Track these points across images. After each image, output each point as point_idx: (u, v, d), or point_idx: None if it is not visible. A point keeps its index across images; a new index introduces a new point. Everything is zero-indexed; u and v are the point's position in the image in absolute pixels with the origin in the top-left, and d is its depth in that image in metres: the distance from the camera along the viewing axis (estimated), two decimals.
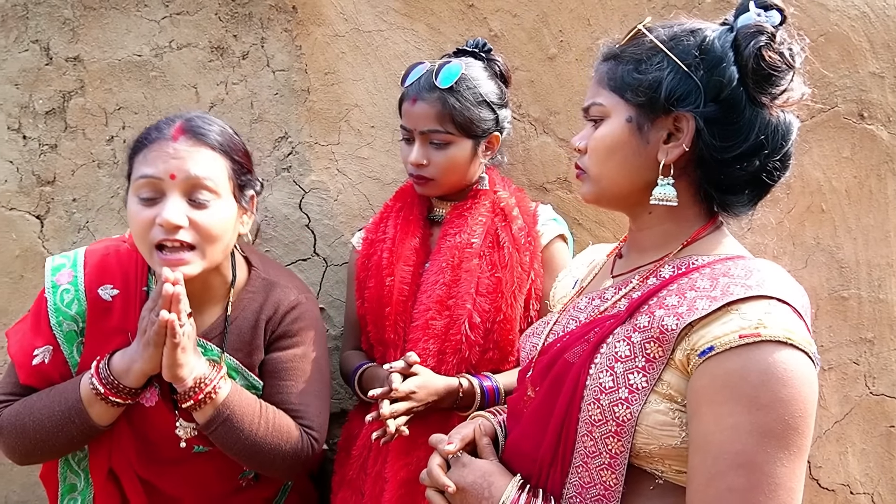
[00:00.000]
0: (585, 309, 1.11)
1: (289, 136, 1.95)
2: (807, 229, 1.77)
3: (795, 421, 0.84)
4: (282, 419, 1.42)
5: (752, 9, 0.97)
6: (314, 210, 1.96)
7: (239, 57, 1.94)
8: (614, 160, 1.03)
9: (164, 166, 1.28)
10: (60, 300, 1.41)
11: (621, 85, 1.02)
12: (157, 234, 1.27)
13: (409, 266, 1.60)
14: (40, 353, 1.39)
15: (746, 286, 0.91)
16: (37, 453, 1.38)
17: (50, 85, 1.99)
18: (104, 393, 1.31)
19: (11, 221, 2.03)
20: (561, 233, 1.64)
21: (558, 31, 1.80)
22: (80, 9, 1.94)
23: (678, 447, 0.92)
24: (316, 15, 1.88)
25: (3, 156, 2.02)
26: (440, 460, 1.14)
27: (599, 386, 0.95)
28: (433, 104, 1.51)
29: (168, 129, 1.32)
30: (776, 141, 0.97)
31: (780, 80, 0.95)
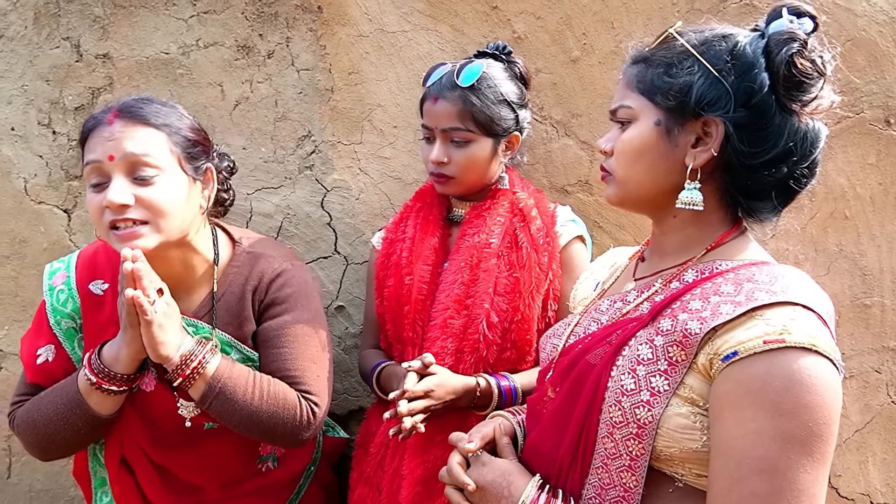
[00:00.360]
0: (607, 311, 1.11)
1: (312, 135, 1.97)
2: (830, 236, 1.76)
3: (819, 428, 0.84)
4: (277, 387, 1.42)
5: (784, 15, 0.97)
6: (336, 208, 1.98)
7: (264, 56, 1.96)
8: (641, 163, 1.03)
9: (101, 149, 1.30)
10: (56, 300, 1.47)
11: (651, 88, 1.02)
12: (108, 216, 1.29)
13: (429, 265, 1.61)
14: (43, 353, 1.45)
15: (771, 292, 0.91)
16: (52, 448, 1.43)
17: (80, 81, 2.02)
18: (97, 382, 1.33)
19: (40, 215, 2.07)
20: (579, 234, 1.64)
21: (581, 34, 1.80)
22: (111, 7, 1.98)
23: (699, 451, 0.92)
24: (341, 15, 1.90)
25: (33, 150, 2.06)
26: (460, 458, 1.15)
27: (621, 388, 0.96)
28: (454, 102, 1.54)
29: (105, 115, 1.35)
30: (805, 148, 0.97)
31: (810, 87, 0.95)
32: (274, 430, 1.41)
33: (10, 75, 2.04)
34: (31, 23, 2.01)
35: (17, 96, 2.05)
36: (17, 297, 2.10)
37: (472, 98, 1.53)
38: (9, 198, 2.08)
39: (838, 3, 1.67)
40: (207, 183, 1.46)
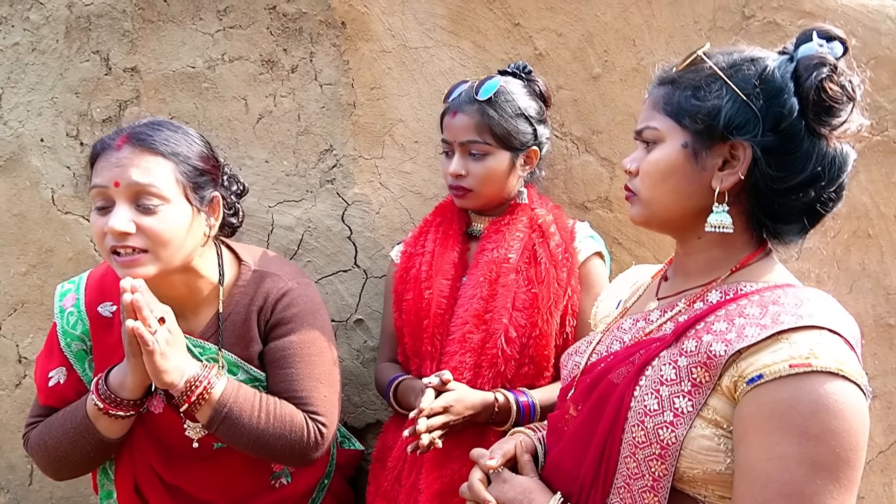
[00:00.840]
0: (630, 330, 1.11)
1: (334, 149, 1.99)
2: (853, 254, 1.75)
3: (846, 453, 0.84)
4: (283, 408, 1.42)
5: (814, 39, 0.97)
6: (356, 222, 1.99)
7: (288, 70, 1.99)
8: (667, 185, 1.04)
9: (108, 175, 1.31)
10: (66, 323, 1.48)
11: (678, 110, 1.02)
12: (110, 241, 1.30)
13: (448, 279, 1.62)
14: (55, 375, 1.47)
15: (797, 315, 0.91)
16: (63, 469, 1.45)
17: (108, 94, 2.06)
18: (104, 408, 1.35)
19: (66, 225, 2.11)
20: (598, 250, 1.64)
21: (603, 51, 1.81)
22: (140, 21, 2.02)
23: (722, 473, 0.92)
24: (364, 31, 1.92)
25: (61, 161, 2.10)
26: (481, 475, 1.15)
27: (644, 408, 0.96)
28: (472, 116, 1.56)
29: (114, 139, 1.35)
30: (833, 172, 0.97)
31: (840, 111, 0.95)
32: (282, 452, 1.42)
33: (41, 88, 2.09)
34: (62, 37, 2.06)
35: (47, 108, 2.09)
36: (42, 305, 2.14)
37: (489, 111, 1.55)
38: (36, 208, 2.12)
39: (863, 23, 1.66)
40: (213, 212, 1.45)
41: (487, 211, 1.68)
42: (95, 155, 1.36)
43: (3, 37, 2.10)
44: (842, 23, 1.66)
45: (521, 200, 1.66)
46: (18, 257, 2.14)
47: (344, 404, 1.98)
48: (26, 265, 2.14)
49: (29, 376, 2.16)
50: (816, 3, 1.67)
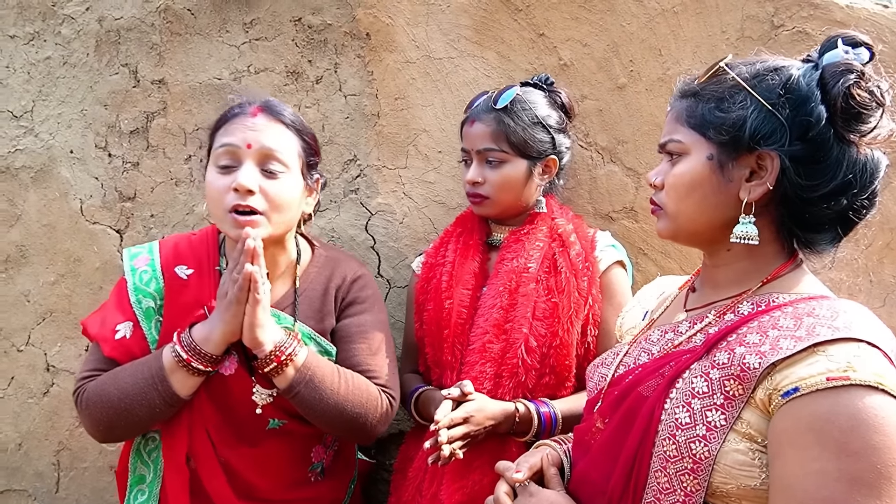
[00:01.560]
0: (658, 342, 1.09)
1: (357, 159, 2.00)
2: (886, 267, 1.71)
3: (888, 470, 0.81)
4: (359, 379, 1.48)
5: (840, 46, 0.95)
6: (380, 232, 2.00)
7: (313, 81, 2.00)
8: (694, 198, 1.02)
9: (242, 136, 1.40)
10: (140, 280, 1.50)
11: (702, 122, 1.01)
12: (232, 199, 1.37)
13: (468, 290, 1.62)
14: (122, 329, 1.46)
15: (833, 328, 0.89)
16: (119, 426, 1.41)
17: (136, 106, 2.10)
18: (186, 360, 1.36)
19: (94, 235, 2.14)
20: (619, 259, 1.63)
21: (628, 61, 1.80)
22: (167, 34, 2.05)
23: (757, 488, 0.89)
24: (388, 42, 1.93)
25: (89, 172, 2.13)
26: (507, 488, 1.14)
27: (675, 422, 0.94)
28: (489, 124, 1.58)
29: (248, 107, 1.45)
30: (864, 179, 0.95)
31: (869, 117, 0.94)
32: (356, 421, 1.45)
33: (71, 100, 2.13)
34: (92, 50, 2.10)
35: (77, 120, 2.13)
36: (70, 314, 2.17)
37: (506, 119, 1.57)
38: (65, 218, 2.15)
39: (894, 30, 1.63)
40: (313, 192, 1.55)
41: (506, 220, 1.68)
42: (225, 119, 1.45)
43: (36, 51, 2.14)
44: (872, 31, 1.63)
45: (539, 209, 1.65)
46: (47, 267, 2.18)
47: None
48: (55, 275, 2.17)
49: (57, 384, 2.19)
50: (847, 12, 1.64)
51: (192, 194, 2.09)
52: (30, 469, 2.23)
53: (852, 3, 1.64)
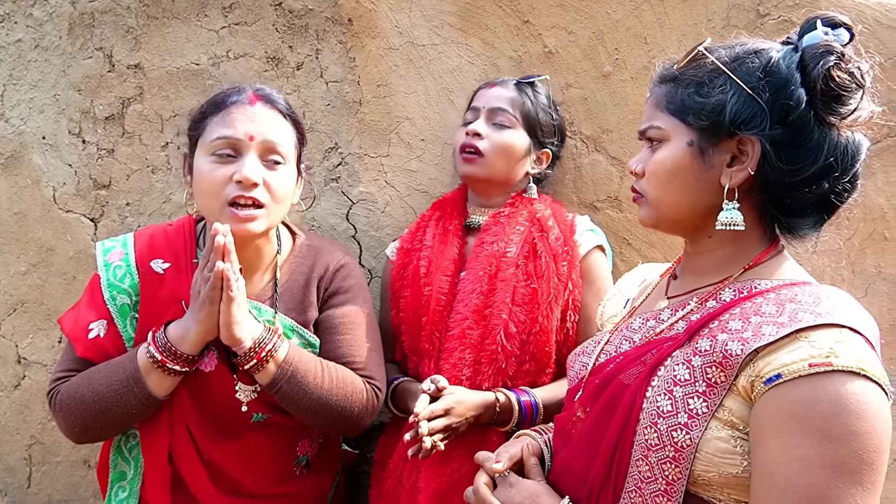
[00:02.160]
0: (640, 330, 1.08)
1: (339, 147, 1.96)
2: (868, 257, 1.71)
3: (870, 455, 0.81)
4: (343, 372, 1.45)
5: (819, 27, 0.94)
6: (361, 221, 1.97)
7: (293, 67, 1.97)
8: (675, 184, 1.01)
9: (243, 128, 1.36)
10: (113, 276, 1.44)
11: (681, 108, 1.00)
12: (232, 191, 1.34)
13: (447, 276, 1.60)
14: (95, 327, 1.41)
15: (816, 313, 0.88)
16: (95, 427, 1.38)
17: (111, 91, 2.04)
18: (161, 360, 1.32)
19: (67, 224, 2.09)
20: (599, 243, 1.62)
21: (614, 49, 1.78)
22: (144, 18, 2.00)
23: (739, 476, 0.89)
24: (371, 28, 1.90)
25: (63, 159, 2.08)
26: (487, 479, 1.12)
27: (657, 409, 0.93)
28: (510, 90, 1.64)
29: (244, 94, 1.41)
30: (846, 162, 0.94)
31: (849, 99, 0.93)
32: (341, 414, 1.42)
33: (43, 85, 2.07)
34: (65, 33, 2.04)
35: (50, 105, 2.07)
36: (42, 305, 2.11)
37: (526, 91, 1.64)
38: (37, 206, 2.10)
39: (880, 21, 1.63)
40: (299, 181, 1.53)
41: (489, 194, 1.67)
42: (218, 106, 1.39)
43: (6, 33, 2.08)
44: (859, 21, 1.63)
45: (529, 194, 1.65)
46: (18, 256, 2.12)
47: None
48: (26, 264, 2.12)
49: (29, 377, 2.13)
50: (832, 1, 1.64)
51: (168, 182, 2.04)
52: (0, 464, 2.18)
53: None
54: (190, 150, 1.43)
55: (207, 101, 1.43)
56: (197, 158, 1.39)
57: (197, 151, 1.40)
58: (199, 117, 1.42)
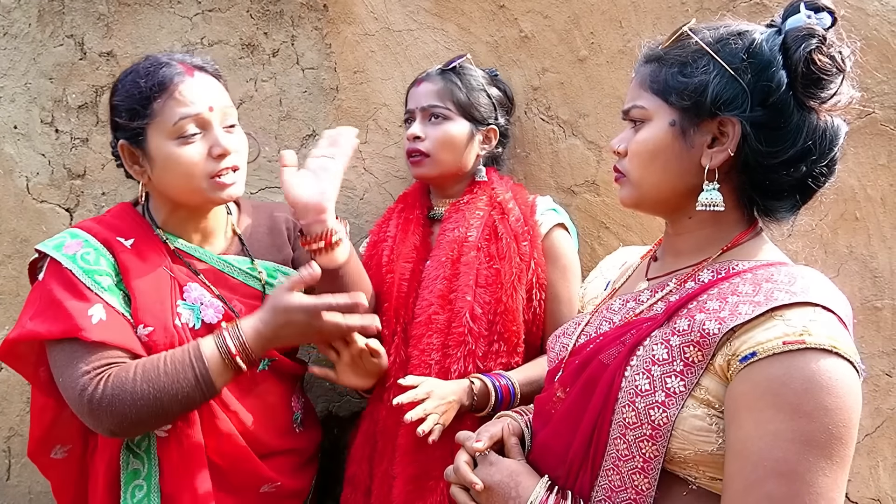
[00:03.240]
0: (619, 311, 1.09)
1: (317, 134, 1.95)
2: (840, 237, 1.74)
3: (839, 430, 0.83)
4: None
5: (802, 10, 0.95)
6: (340, 208, 1.95)
7: (269, 54, 1.95)
8: (656, 164, 1.02)
9: (200, 100, 1.35)
10: (85, 262, 1.36)
11: (665, 88, 1.01)
12: (212, 166, 1.35)
13: (409, 262, 1.62)
14: (95, 312, 1.31)
15: (791, 292, 0.89)
16: (150, 422, 1.32)
17: (83, 79, 2.01)
18: (234, 360, 1.32)
19: (42, 214, 2.06)
20: (560, 221, 1.63)
21: (589, 33, 1.78)
22: (115, 4, 1.97)
23: (714, 453, 0.90)
24: (346, 13, 1.89)
25: (36, 149, 2.05)
26: (467, 457, 1.13)
27: (635, 388, 0.94)
28: (436, 83, 1.63)
29: (177, 68, 1.36)
30: (824, 145, 0.95)
31: (829, 83, 0.94)
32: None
33: (13, 73, 2.03)
34: (35, 20, 2.00)
35: (21, 94, 2.04)
36: (18, 296, 2.09)
37: (453, 78, 1.62)
38: (11, 197, 2.07)
39: (850, 3, 1.65)
40: None
41: (446, 187, 1.68)
42: (161, 85, 1.33)
43: None
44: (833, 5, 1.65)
45: (479, 178, 1.66)
46: None
47: (329, 393, 1.96)
48: (1, 255, 2.09)
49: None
50: None
51: None
52: None
53: None
54: (133, 138, 1.37)
55: (135, 87, 1.35)
56: (158, 144, 1.34)
57: (152, 137, 1.35)
58: (140, 104, 1.34)
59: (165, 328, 1.35)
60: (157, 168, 1.37)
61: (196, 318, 1.41)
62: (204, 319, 1.42)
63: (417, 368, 1.50)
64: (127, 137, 1.37)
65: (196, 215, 1.47)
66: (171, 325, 1.36)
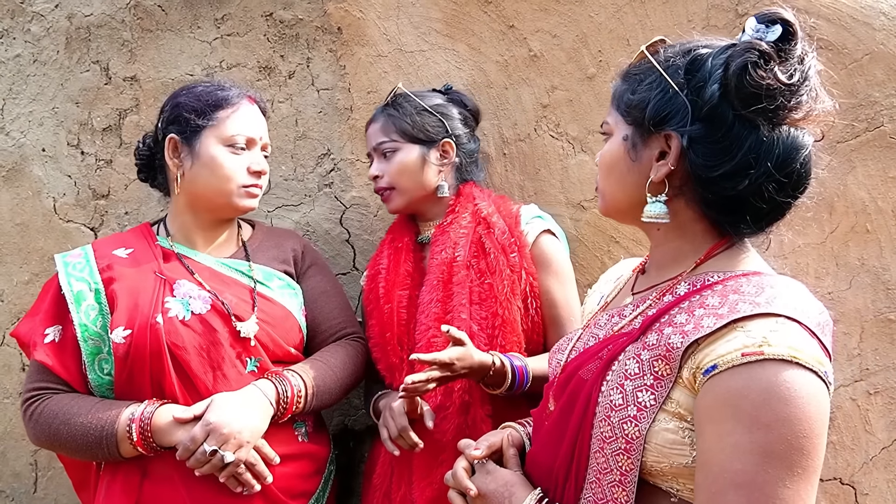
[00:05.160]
0: (605, 326, 1.11)
1: (331, 153, 2.00)
2: (851, 250, 1.74)
3: (800, 441, 0.82)
4: (340, 355, 1.65)
5: (749, 25, 0.94)
6: (354, 225, 2.00)
7: (285, 76, 2.01)
8: (613, 177, 1.06)
9: (255, 129, 1.60)
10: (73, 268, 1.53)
11: (620, 104, 1.05)
12: (247, 179, 1.57)
13: (405, 290, 1.64)
14: (51, 332, 1.49)
15: (755, 303, 0.89)
16: (61, 451, 1.52)
17: (108, 103, 2.09)
18: (136, 442, 1.40)
19: (68, 233, 2.13)
20: (546, 227, 1.64)
21: (597, 52, 1.81)
22: (139, 31, 2.04)
23: (689, 466, 0.91)
24: (360, 36, 1.94)
25: (62, 170, 2.12)
26: (466, 464, 1.16)
27: (610, 403, 0.95)
28: (379, 121, 1.69)
29: (242, 95, 1.61)
30: (770, 160, 0.93)
31: (768, 98, 0.90)
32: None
33: (42, 98, 2.12)
34: (63, 47, 2.09)
35: (49, 118, 2.12)
36: None
37: (393, 112, 1.67)
38: (39, 217, 2.14)
39: (856, 18, 1.66)
40: None
41: (424, 210, 1.71)
42: (227, 101, 1.57)
43: (6, 49, 2.13)
44: (835, 19, 1.66)
45: (440, 194, 1.67)
46: (21, 266, 2.16)
47: (344, 407, 1.99)
48: (29, 274, 2.16)
49: None
50: (808, 1, 1.67)
51: None
52: (7, 470, 2.22)
53: None
54: (187, 134, 1.55)
55: (207, 94, 1.57)
56: (209, 145, 1.54)
57: (206, 138, 1.55)
58: (207, 108, 1.55)
59: (142, 329, 1.44)
60: (199, 164, 1.55)
61: (186, 310, 1.50)
62: (193, 311, 1.51)
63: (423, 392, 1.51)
64: (179, 132, 1.56)
65: (209, 223, 1.62)
66: (149, 325, 1.45)
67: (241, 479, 1.41)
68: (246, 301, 1.56)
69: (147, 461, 1.45)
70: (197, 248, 1.62)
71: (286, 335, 1.60)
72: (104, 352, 1.46)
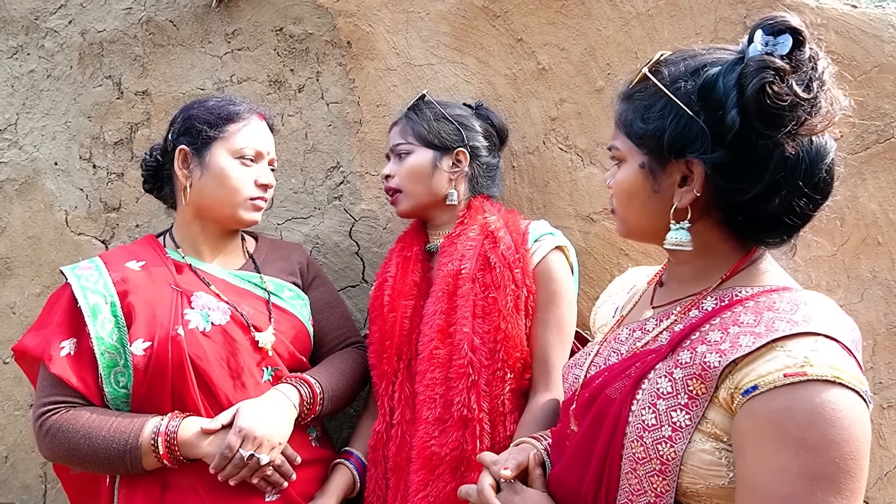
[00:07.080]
0: (626, 341, 1.09)
1: (341, 166, 2.01)
2: (862, 262, 1.73)
3: (847, 463, 0.81)
4: (349, 362, 1.71)
5: (757, 38, 0.90)
6: (363, 238, 2.01)
7: (295, 90, 2.02)
8: (634, 204, 1.04)
9: (264, 143, 1.64)
10: (86, 280, 1.51)
11: (630, 132, 1.02)
12: (254, 191, 1.60)
13: (410, 300, 1.64)
14: (67, 345, 1.45)
15: (792, 322, 0.88)
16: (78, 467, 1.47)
17: (119, 117, 2.11)
18: (162, 455, 1.40)
19: (79, 246, 2.15)
20: (558, 244, 1.63)
21: (606, 65, 1.82)
22: (150, 46, 2.06)
23: (726, 487, 0.89)
24: (369, 50, 1.95)
25: (74, 184, 2.14)
26: (492, 481, 1.15)
27: (642, 423, 0.94)
28: (400, 124, 1.72)
29: (252, 111, 1.65)
30: (798, 175, 0.92)
31: (789, 115, 0.88)
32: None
33: (55, 112, 2.14)
34: (76, 63, 2.11)
35: (61, 132, 2.14)
36: None
37: (413, 116, 1.70)
38: (51, 230, 2.16)
39: (865, 31, 1.66)
40: None
41: (433, 217, 1.71)
42: (238, 115, 1.61)
43: (20, 64, 2.16)
44: (844, 31, 1.66)
45: (450, 202, 1.67)
46: (33, 279, 2.18)
47: (350, 417, 1.98)
48: (40, 286, 2.17)
49: None
50: (818, 13, 1.67)
51: None
52: (17, 482, 2.23)
53: (821, 4, 1.67)
54: (198, 146, 1.57)
55: (219, 108, 1.61)
56: (218, 157, 1.57)
57: (217, 150, 1.57)
58: (218, 121, 1.58)
59: (163, 341, 1.44)
60: (208, 175, 1.57)
61: (206, 321, 1.51)
62: (213, 322, 1.52)
63: (423, 403, 1.52)
64: (189, 143, 1.58)
65: (216, 234, 1.64)
66: (170, 337, 1.44)
67: (270, 481, 1.43)
68: (262, 312, 1.59)
69: (167, 473, 1.45)
70: (204, 258, 1.64)
71: (299, 344, 1.64)
72: (120, 364, 1.46)
